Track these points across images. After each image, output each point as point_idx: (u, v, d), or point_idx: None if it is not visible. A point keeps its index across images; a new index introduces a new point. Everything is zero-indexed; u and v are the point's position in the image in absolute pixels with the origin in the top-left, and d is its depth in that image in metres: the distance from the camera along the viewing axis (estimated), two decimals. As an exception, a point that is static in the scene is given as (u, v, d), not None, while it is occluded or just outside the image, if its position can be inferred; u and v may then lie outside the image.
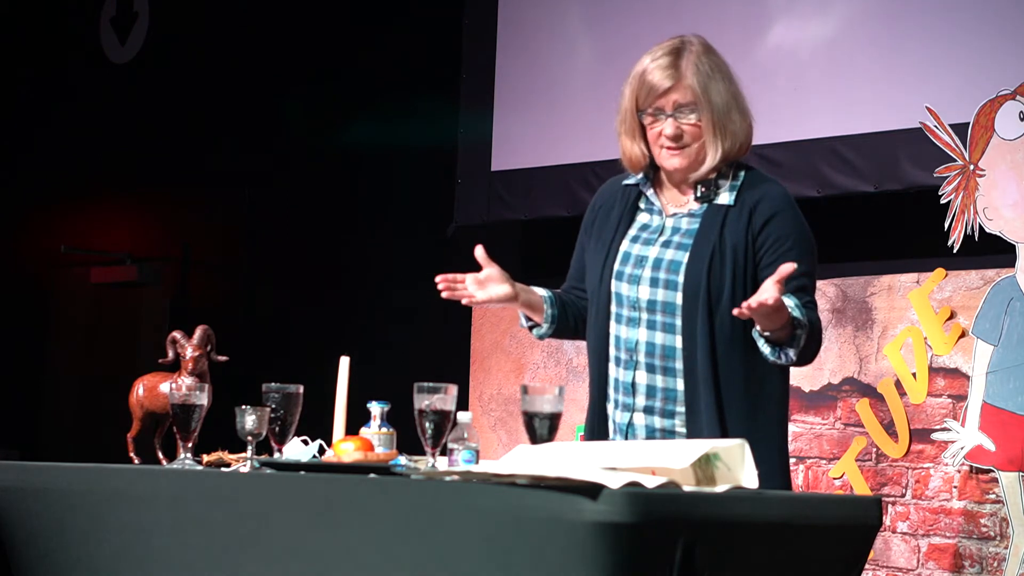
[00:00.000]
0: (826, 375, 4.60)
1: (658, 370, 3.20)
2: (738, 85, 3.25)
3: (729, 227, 3.18)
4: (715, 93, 3.19)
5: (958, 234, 4.31)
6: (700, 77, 3.19)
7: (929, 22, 4.85)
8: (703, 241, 3.17)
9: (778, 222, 3.18)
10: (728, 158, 3.22)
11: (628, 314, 3.23)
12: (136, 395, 3.57)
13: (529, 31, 5.96)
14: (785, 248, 3.15)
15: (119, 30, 7.56)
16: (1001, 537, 4.22)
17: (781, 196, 3.23)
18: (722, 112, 3.19)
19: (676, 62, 3.20)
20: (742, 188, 3.22)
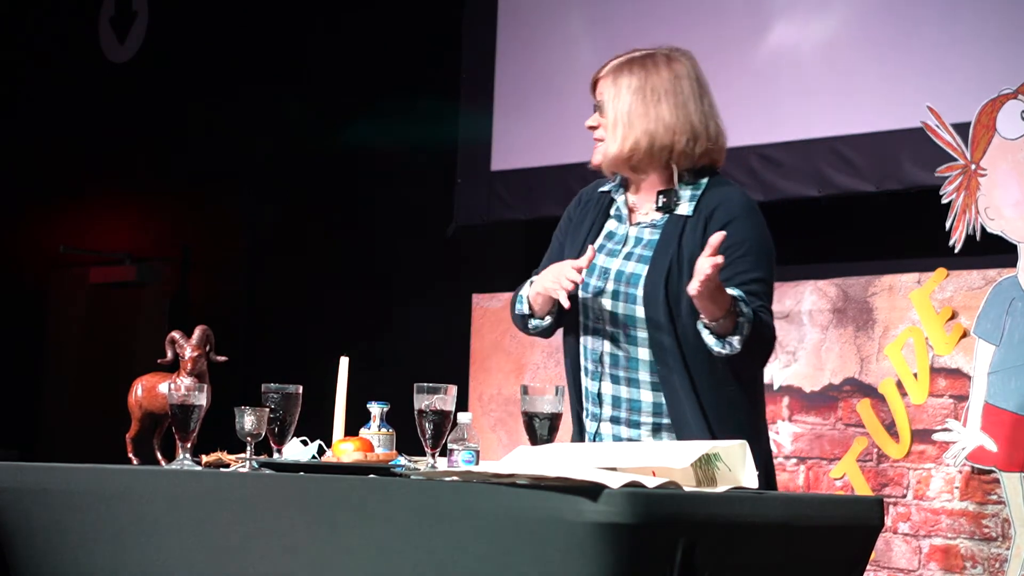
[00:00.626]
0: (827, 375, 4.59)
1: (622, 381, 3.24)
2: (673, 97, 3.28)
3: (687, 237, 3.22)
4: (623, 93, 3.28)
5: (959, 234, 4.30)
6: (617, 77, 3.30)
7: (930, 21, 4.84)
8: (662, 253, 3.22)
9: (732, 229, 3.18)
10: (635, 156, 3.26)
11: (594, 325, 3.28)
12: (135, 395, 3.56)
13: (529, 31, 5.95)
14: (739, 255, 3.17)
15: (118, 29, 7.55)
16: (1003, 538, 4.21)
17: (738, 202, 3.27)
18: (623, 112, 3.27)
19: (614, 63, 3.33)
20: (701, 197, 3.27)
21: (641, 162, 3.28)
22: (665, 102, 3.27)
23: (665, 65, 3.32)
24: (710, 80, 3.46)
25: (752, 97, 5.36)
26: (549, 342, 5.38)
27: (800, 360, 4.62)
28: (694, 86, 3.33)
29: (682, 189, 3.28)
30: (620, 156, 3.28)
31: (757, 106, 5.35)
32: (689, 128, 3.27)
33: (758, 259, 3.20)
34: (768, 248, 3.26)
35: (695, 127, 3.28)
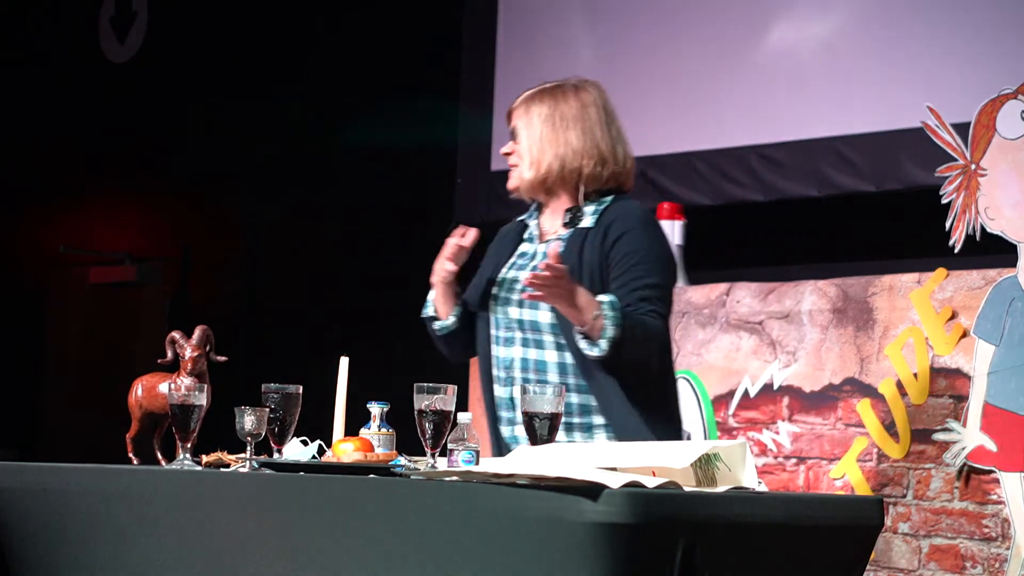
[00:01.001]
0: (827, 375, 4.59)
1: (533, 384, 3.36)
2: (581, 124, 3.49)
3: (587, 248, 3.42)
4: (535, 122, 3.50)
5: (959, 234, 4.30)
6: (529, 109, 3.53)
7: (930, 21, 4.84)
8: (563, 262, 3.35)
9: (628, 239, 3.39)
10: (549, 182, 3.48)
11: (504, 335, 3.50)
12: (135, 395, 3.56)
13: (529, 31, 5.95)
14: (633, 263, 3.37)
15: (118, 30, 7.56)
16: (1003, 538, 4.21)
17: (635, 215, 3.46)
18: (536, 140, 3.48)
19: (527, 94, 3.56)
20: (604, 212, 3.47)
21: (554, 184, 3.49)
22: (573, 129, 3.49)
23: (573, 95, 3.55)
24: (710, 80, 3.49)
25: (752, 97, 5.36)
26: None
27: (800, 360, 4.62)
28: (601, 114, 3.54)
29: (587, 206, 3.49)
30: (535, 180, 3.49)
31: (757, 106, 5.35)
32: (597, 152, 3.48)
33: (652, 266, 3.38)
34: (663, 256, 3.44)
35: (602, 151, 3.48)
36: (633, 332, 3.27)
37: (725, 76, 5.49)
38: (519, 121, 3.53)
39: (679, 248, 5.07)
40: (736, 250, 5.59)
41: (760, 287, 4.72)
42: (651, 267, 3.38)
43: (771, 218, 5.53)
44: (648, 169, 5.67)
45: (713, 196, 5.56)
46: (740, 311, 4.73)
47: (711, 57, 5.54)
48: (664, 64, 5.69)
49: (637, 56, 5.81)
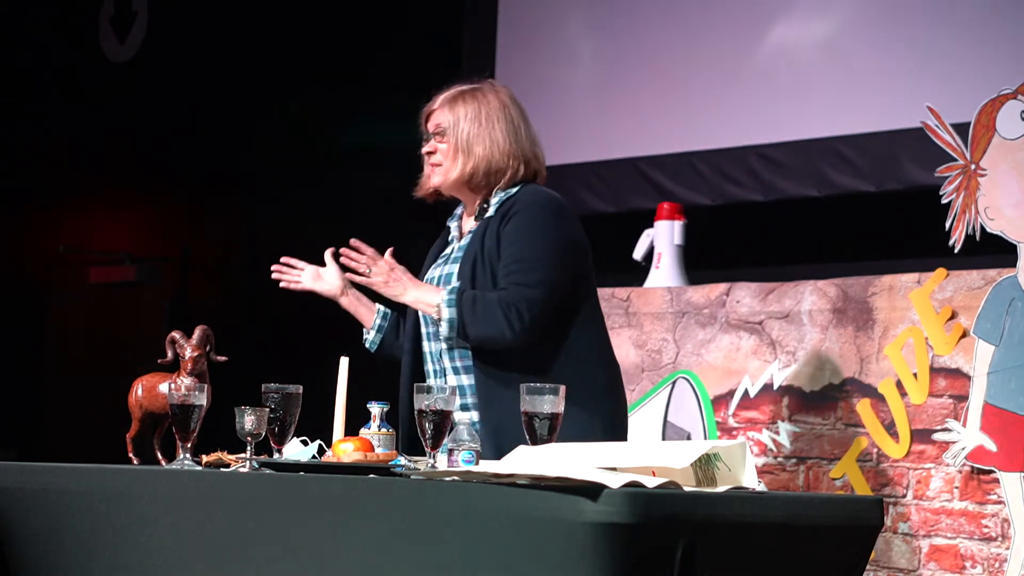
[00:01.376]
0: (827, 375, 4.59)
1: (460, 370, 3.56)
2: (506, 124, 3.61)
3: (488, 234, 3.56)
4: (462, 121, 3.62)
5: (959, 234, 4.30)
6: (453, 108, 3.64)
7: (930, 22, 4.84)
8: (468, 253, 3.57)
9: (514, 220, 3.52)
10: (475, 179, 3.61)
11: (432, 329, 3.62)
12: (135, 395, 3.56)
13: (529, 31, 5.95)
14: (512, 240, 3.50)
15: (118, 30, 7.55)
16: (1003, 538, 4.21)
17: (528, 199, 3.56)
18: (464, 139, 3.60)
19: (446, 95, 3.68)
20: (506, 200, 3.59)
21: (479, 184, 3.62)
22: (498, 128, 3.61)
23: (493, 95, 3.66)
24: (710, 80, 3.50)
25: (752, 97, 5.36)
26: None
27: (800, 360, 4.62)
28: (519, 114, 3.66)
29: (494, 196, 3.62)
30: (460, 179, 3.62)
31: (757, 106, 5.35)
32: (521, 153, 3.62)
33: (528, 242, 3.48)
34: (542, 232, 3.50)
35: (525, 152, 3.62)
36: (472, 309, 3.43)
37: (725, 76, 5.49)
38: (444, 121, 3.63)
39: (679, 248, 5.07)
40: (736, 250, 5.59)
41: (760, 287, 4.72)
42: (526, 243, 3.48)
43: (771, 218, 5.53)
44: (648, 169, 5.67)
45: (713, 196, 5.55)
46: (740, 311, 4.73)
47: (711, 57, 5.54)
48: (664, 64, 5.69)
49: (637, 56, 5.81)
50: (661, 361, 4.85)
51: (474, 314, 3.43)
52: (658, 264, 5.06)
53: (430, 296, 3.49)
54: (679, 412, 4.77)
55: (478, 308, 3.44)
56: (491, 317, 3.43)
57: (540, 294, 3.45)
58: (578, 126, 5.82)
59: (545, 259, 3.48)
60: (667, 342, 4.85)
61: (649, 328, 4.89)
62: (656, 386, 4.85)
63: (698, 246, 5.17)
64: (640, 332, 4.90)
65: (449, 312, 3.44)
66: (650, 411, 4.85)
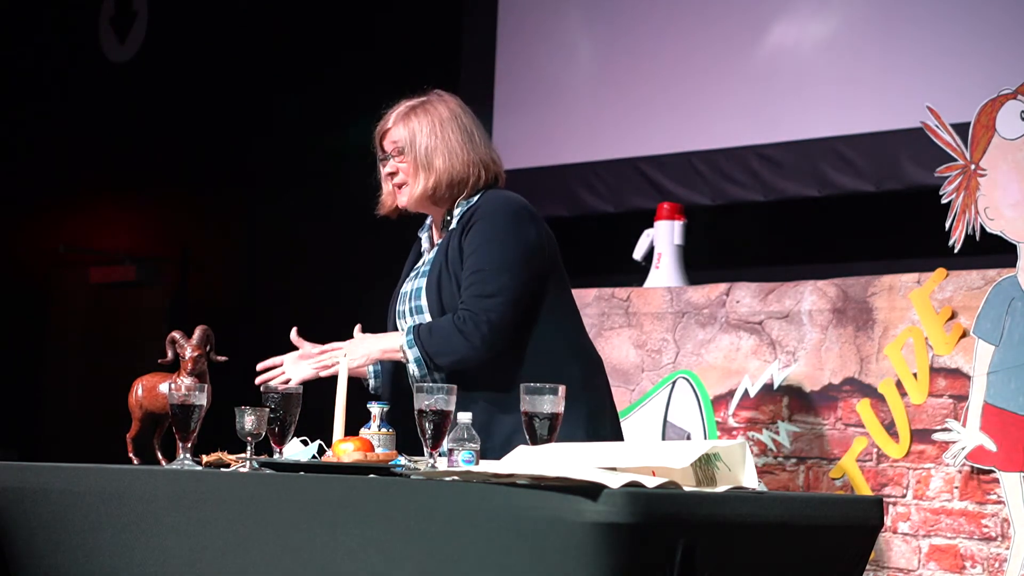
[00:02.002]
0: (827, 375, 4.59)
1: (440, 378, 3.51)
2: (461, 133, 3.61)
3: (451, 246, 3.56)
4: (418, 136, 3.62)
5: (959, 234, 4.30)
6: (407, 124, 3.64)
7: (930, 22, 4.84)
8: (435, 264, 3.58)
9: (473, 232, 3.52)
10: (438, 192, 3.61)
11: None
12: (135, 395, 3.56)
13: (529, 31, 5.95)
14: (470, 251, 3.50)
15: (118, 30, 7.55)
16: (1003, 538, 4.21)
17: (488, 207, 3.55)
18: (422, 154, 3.61)
19: (398, 112, 3.68)
20: (468, 209, 3.58)
21: (442, 197, 3.61)
22: (453, 137, 3.60)
23: (443, 104, 3.66)
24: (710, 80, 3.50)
25: (752, 97, 5.36)
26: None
27: (800, 360, 4.62)
28: (472, 119, 3.66)
29: (457, 207, 3.62)
30: (424, 194, 3.62)
31: (757, 106, 5.35)
32: (479, 159, 3.61)
33: (483, 251, 3.48)
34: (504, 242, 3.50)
35: (483, 158, 3.62)
36: (431, 339, 3.45)
37: (725, 76, 5.49)
38: (400, 139, 3.63)
39: (679, 248, 5.07)
40: (736, 250, 5.59)
41: (760, 287, 4.72)
42: (482, 253, 3.48)
43: (771, 218, 5.53)
44: (648, 169, 5.67)
45: (713, 196, 5.55)
46: (740, 311, 4.73)
47: (711, 57, 5.54)
48: (664, 64, 5.69)
49: (637, 56, 5.81)
50: (661, 361, 4.85)
51: (432, 344, 3.45)
52: (658, 264, 5.06)
53: (393, 342, 3.52)
54: (679, 412, 4.77)
55: (435, 337, 3.46)
56: (449, 341, 3.45)
57: (499, 303, 3.45)
58: (578, 126, 5.82)
59: (504, 266, 3.48)
60: (667, 342, 4.84)
61: (649, 328, 4.89)
62: (656, 386, 4.85)
63: (698, 246, 5.17)
64: (640, 332, 4.90)
65: (413, 352, 3.47)
66: (650, 411, 4.85)
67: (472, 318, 3.43)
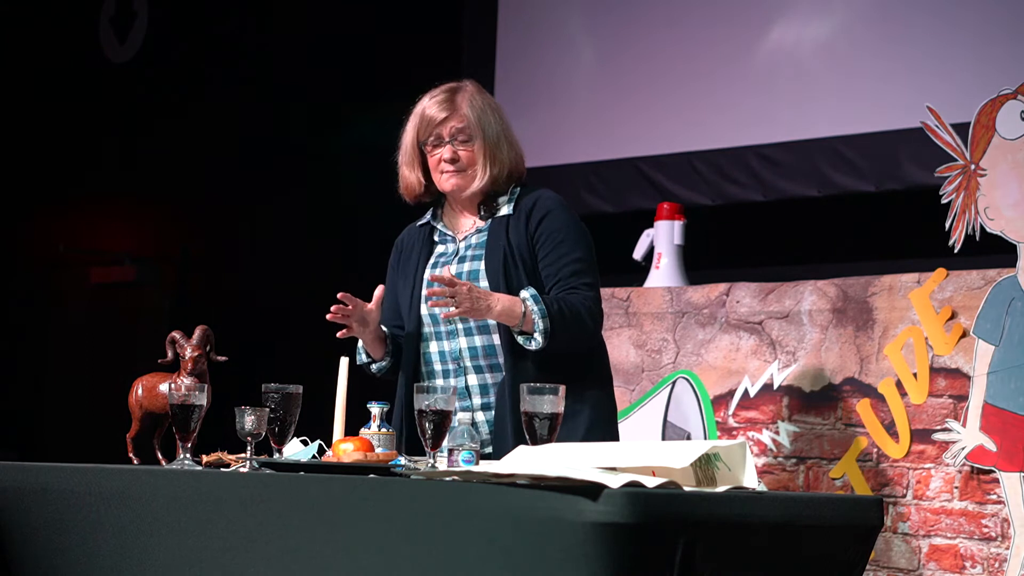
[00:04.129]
0: (827, 375, 4.59)
1: (485, 369, 3.56)
2: (508, 123, 3.67)
3: (512, 232, 3.57)
4: (487, 125, 3.61)
5: (959, 234, 4.30)
6: (474, 110, 3.62)
7: (930, 22, 4.84)
8: (494, 247, 3.57)
9: (550, 220, 3.56)
10: (497, 182, 3.62)
11: (446, 328, 3.60)
12: (135, 395, 3.57)
13: (529, 31, 5.95)
14: (559, 240, 3.54)
15: (118, 29, 7.55)
16: (1003, 538, 4.21)
17: (551, 199, 3.62)
18: (493, 142, 3.61)
19: (452, 97, 3.63)
20: (518, 199, 3.62)
21: (499, 188, 3.63)
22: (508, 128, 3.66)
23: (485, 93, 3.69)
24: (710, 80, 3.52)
25: (752, 97, 5.36)
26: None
27: (800, 360, 4.63)
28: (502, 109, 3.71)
29: (500, 195, 3.64)
30: (490, 181, 3.61)
31: (757, 106, 5.36)
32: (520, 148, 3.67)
33: (576, 242, 3.56)
34: (582, 232, 3.60)
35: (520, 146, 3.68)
36: (562, 315, 3.44)
37: (725, 76, 5.49)
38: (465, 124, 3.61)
39: (679, 248, 5.08)
40: (736, 250, 5.59)
41: (760, 287, 4.72)
42: (575, 243, 3.55)
43: (771, 218, 5.53)
44: (648, 169, 5.67)
45: (713, 196, 5.55)
46: (740, 311, 4.73)
47: (711, 57, 5.54)
48: (664, 64, 5.69)
49: (637, 56, 5.81)
50: (661, 361, 4.85)
51: (564, 322, 3.45)
52: (658, 264, 5.06)
53: (514, 307, 3.45)
54: (679, 412, 4.77)
55: (567, 316, 3.46)
56: (580, 324, 3.48)
57: (599, 293, 3.57)
58: (578, 126, 5.82)
59: (590, 259, 3.59)
60: (667, 342, 4.85)
61: (649, 328, 4.89)
62: (656, 386, 4.85)
63: (698, 246, 5.18)
64: (640, 332, 4.90)
65: (544, 323, 3.43)
66: (650, 411, 4.85)
67: (592, 307, 3.51)
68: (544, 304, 3.44)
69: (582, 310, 3.48)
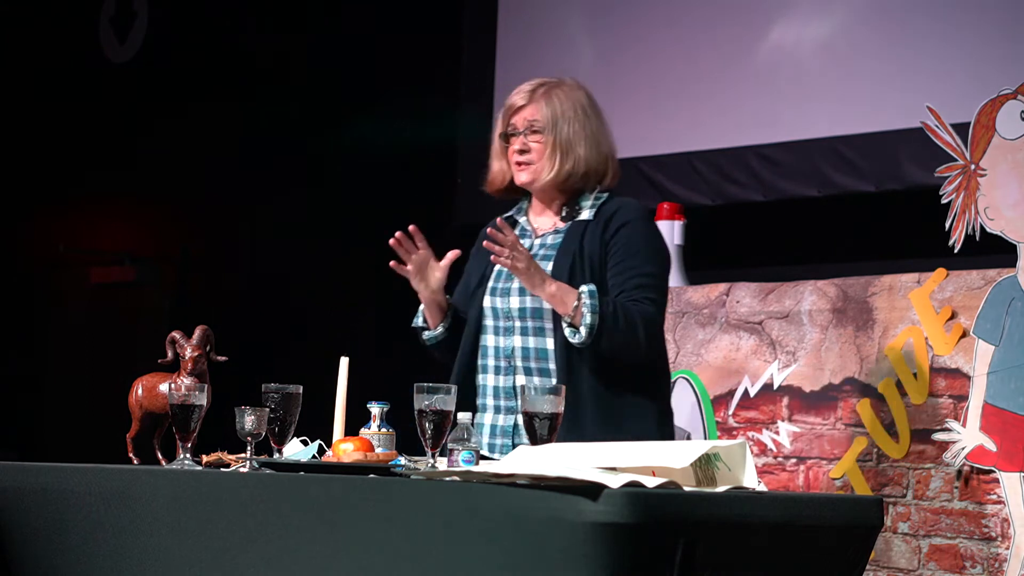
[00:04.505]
0: (827, 375, 4.59)
1: (534, 372, 3.49)
2: (598, 125, 3.55)
3: (588, 237, 3.47)
4: (562, 120, 3.50)
5: (959, 234, 4.30)
6: (552, 104, 3.52)
7: (930, 22, 4.84)
8: (565, 251, 3.47)
9: (628, 230, 3.46)
10: (571, 181, 3.51)
11: (503, 324, 3.53)
12: (135, 395, 3.56)
13: (529, 31, 5.95)
14: (632, 251, 3.45)
15: (118, 29, 7.55)
16: (1003, 538, 4.21)
17: (634, 209, 3.52)
18: (566, 138, 3.50)
19: (535, 90, 3.55)
20: (602, 205, 3.52)
21: (572, 186, 3.52)
22: (594, 125, 3.54)
23: (580, 92, 3.59)
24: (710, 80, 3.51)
25: (752, 97, 5.36)
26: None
27: (800, 360, 4.62)
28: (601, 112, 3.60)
29: (583, 200, 3.54)
30: (557, 179, 3.51)
31: (757, 106, 5.36)
32: (612, 155, 3.56)
33: (649, 256, 3.46)
34: (658, 248, 3.51)
35: (614, 155, 3.57)
36: (615, 319, 3.35)
37: (725, 76, 5.49)
38: (538, 116, 3.51)
39: (679, 248, 5.08)
40: (736, 250, 5.59)
41: (760, 287, 4.72)
42: (648, 257, 3.46)
43: (771, 218, 5.53)
44: (648, 169, 5.67)
45: (713, 196, 5.55)
46: (740, 311, 4.73)
47: (711, 57, 5.54)
48: (664, 64, 5.69)
49: (637, 56, 5.81)
50: (661, 361, 4.84)
51: (616, 326, 3.36)
52: (658, 264, 5.05)
53: (568, 296, 3.37)
54: (679, 412, 4.77)
55: (620, 321, 3.36)
56: (632, 332, 3.37)
57: (663, 311, 3.47)
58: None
59: (662, 276, 3.49)
60: (667, 342, 4.84)
61: (649, 328, 4.88)
62: (656, 386, 4.84)
63: (698, 246, 5.18)
64: (640, 332, 4.89)
65: (592, 318, 3.34)
66: (650, 411, 4.84)
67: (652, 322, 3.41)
68: (600, 302, 3.35)
69: (638, 321, 3.37)
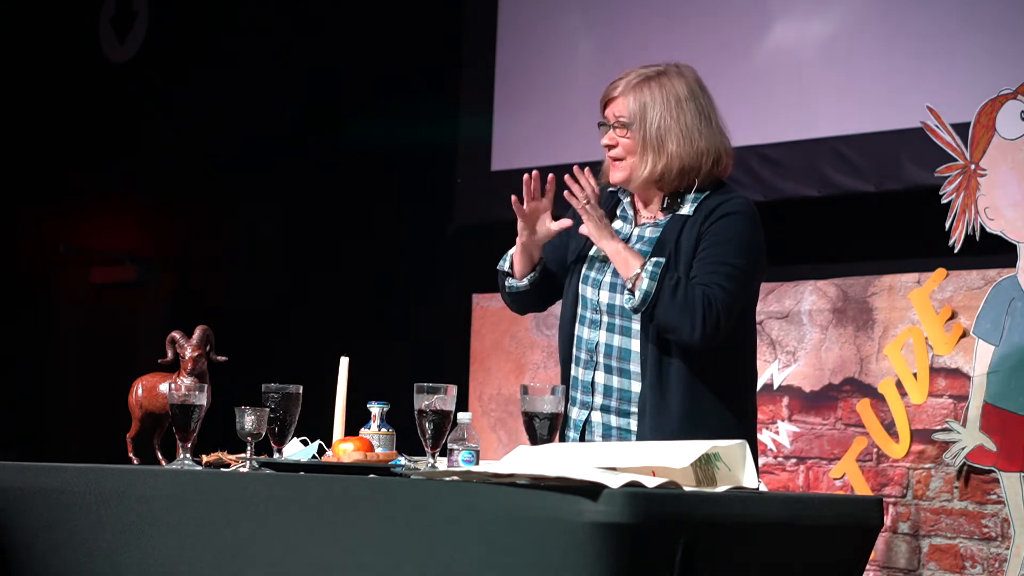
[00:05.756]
0: (827, 375, 4.59)
1: (615, 371, 3.35)
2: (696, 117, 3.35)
3: (686, 234, 3.31)
4: (650, 115, 3.33)
5: (959, 234, 4.30)
6: (639, 96, 3.36)
7: (930, 21, 4.84)
8: (660, 248, 3.31)
9: (724, 221, 3.29)
10: (666, 177, 3.34)
11: (591, 316, 3.40)
12: (135, 395, 3.57)
13: (529, 31, 5.95)
14: (722, 240, 3.28)
15: (118, 29, 7.55)
16: (1002, 538, 4.21)
17: (739, 204, 3.35)
18: (655, 134, 3.32)
19: (630, 79, 3.38)
20: (704, 200, 3.35)
21: (670, 183, 3.35)
22: (689, 118, 3.34)
23: (681, 81, 3.39)
24: (710, 79, 3.50)
25: (752, 97, 5.36)
26: (549, 342, 5.38)
27: (800, 360, 4.62)
28: (709, 100, 3.40)
29: (687, 193, 3.37)
30: (650, 177, 3.35)
31: (757, 106, 5.35)
32: (713, 148, 3.35)
33: (740, 251, 3.29)
34: (751, 243, 3.34)
35: (717, 147, 3.36)
36: (673, 292, 3.20)
37: (725, 76, 5.47)
38: (626, 110, 3.35)
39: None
40: (736, 250, 5.57)
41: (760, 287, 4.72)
42: (738, 250, 3.29)
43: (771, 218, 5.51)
44: (648, 169, 5.66)
45: (713, 196, 5.54)
46: (740, 311, 4.73)
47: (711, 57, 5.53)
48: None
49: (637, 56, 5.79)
50: (661, 361, 4.84)
51: (673, 299, 3.20)
52: (658, 264, 5.05)
53: (632, 258, 3.25)
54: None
55: (679, 295, 3.20)
56: (689, 309, 3.20)
57: (734, 304, 3.26)
58: (578, 126, 5.80)
59: (747, 271, 3.30)
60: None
61: (649, 328, 4.88)
62: (656, 386, 4.84)
63: (698, 246, 5.17)
64: (640, 332, 4.89)
65: (648, 284, 3.21)
66: (650, 411, 4.84)
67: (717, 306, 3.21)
68: (662, 273, 3.21)
69: (699, 300, 3.20)
